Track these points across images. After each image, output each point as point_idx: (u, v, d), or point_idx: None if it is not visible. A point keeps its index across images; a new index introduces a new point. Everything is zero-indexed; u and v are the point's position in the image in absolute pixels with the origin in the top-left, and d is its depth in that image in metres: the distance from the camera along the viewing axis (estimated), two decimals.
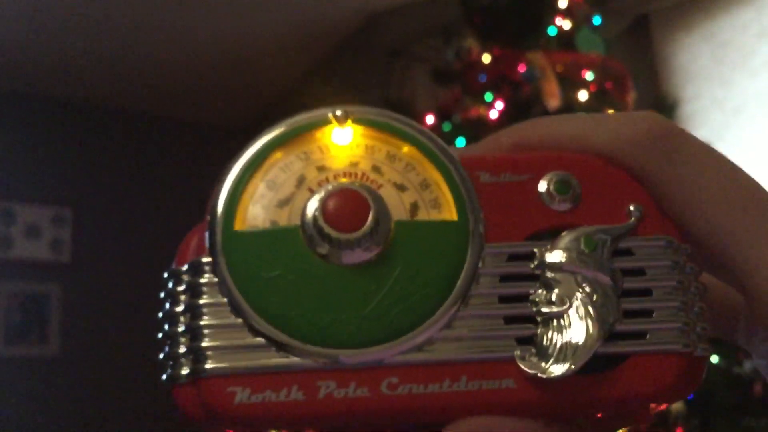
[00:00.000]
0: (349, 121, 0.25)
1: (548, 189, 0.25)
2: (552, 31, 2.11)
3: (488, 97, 2.03)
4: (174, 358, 0.23)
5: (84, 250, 3.41)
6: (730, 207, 0.24)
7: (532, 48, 2.05)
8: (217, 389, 0.22)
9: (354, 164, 0.25)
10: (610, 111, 2.00)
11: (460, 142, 1.97)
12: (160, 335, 0.24)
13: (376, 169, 0.25)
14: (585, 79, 2.03)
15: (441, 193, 0.25)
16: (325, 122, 0.25)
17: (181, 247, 0.25)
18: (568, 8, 2.13)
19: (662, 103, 2.40)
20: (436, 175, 0.25)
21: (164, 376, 0.24)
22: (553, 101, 1.97)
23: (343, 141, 0.25)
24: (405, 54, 2.55)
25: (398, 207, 0.24)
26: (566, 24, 2.12)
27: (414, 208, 0.24)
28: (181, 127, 3.77)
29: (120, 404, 3.19)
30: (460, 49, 2.13)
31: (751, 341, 0.27)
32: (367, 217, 0.23)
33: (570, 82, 2.02)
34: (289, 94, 3.56)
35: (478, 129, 1.99)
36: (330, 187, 0.24)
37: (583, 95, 2.00)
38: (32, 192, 3.38)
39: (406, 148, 0.25)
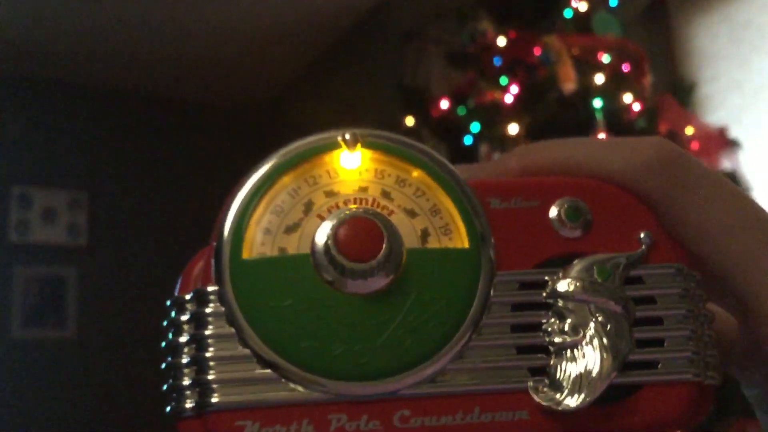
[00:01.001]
0: (359, 145, 0.25)
1: (559, 215, 0.25)
2: (568, 13, 2.09)
3: (503, 80, 2.02)
4: (178, 391, 0.23)
5: (100, 234, 3.43)
6: (738, 231, 0.24)
7: (547, 31, 2.04)
8: (225, 423, 0.22)
9: (363, 189, 0.24)
10: (627, 96, 1.98)
11: (475, 126, 1.96)
12: (163, 366, 0.24)
13: (385, 194, 0.24)
14: (601, 62, 2.01)
15: (451, 220, 0.24)
16: (334, 146, 0.25)
17: (185, 274, 0.24)
18: None
19: (680, 85, 2.38)
20: (446, 201, 0.24)
21: (168, 409, 0.23)
22: (569, 85, 1.96)
23: (352, 165, 0.25)
24: (419, 37, 2.53)
25: (409, 234, 0.24)
26: (582, 6, 2.10)
27: (425, 234, 0.24)
28: (197, 111, 3.78)
29: (136, 387, 3.21)
30: (475, 32, 2.12)
31: (746, 369, 0.27)
32: (381, 246, 0.23)
33: (586, 65, 2.00)
34: (303, 76, 3.55)
35: (493, 113, 1.98)
36: (341, 215, 0.23)
37: (599, 78, 1.98)
38: (49, 176, 3.40)
39: (416, 173, 0.25)
